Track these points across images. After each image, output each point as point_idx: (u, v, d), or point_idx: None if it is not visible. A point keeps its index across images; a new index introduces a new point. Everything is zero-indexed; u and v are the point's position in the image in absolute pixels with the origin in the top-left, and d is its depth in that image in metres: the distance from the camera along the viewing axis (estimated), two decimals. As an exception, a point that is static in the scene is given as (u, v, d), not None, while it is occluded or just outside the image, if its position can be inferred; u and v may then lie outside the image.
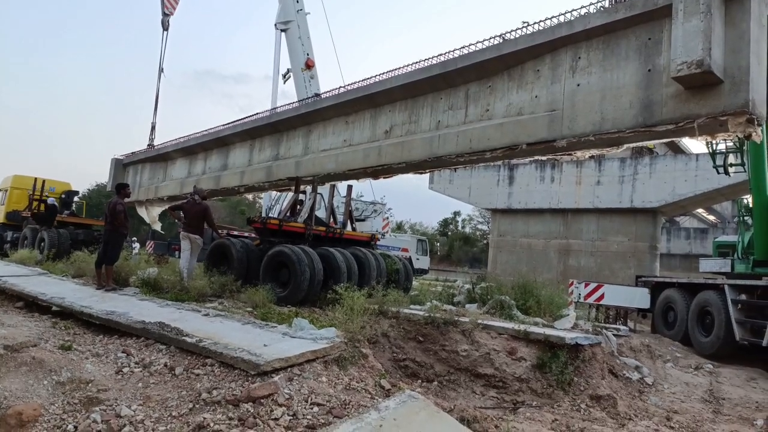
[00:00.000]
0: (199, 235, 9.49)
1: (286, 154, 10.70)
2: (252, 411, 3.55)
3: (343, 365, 4.63)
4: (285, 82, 16.54)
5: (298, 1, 15.96)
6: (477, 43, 7.09)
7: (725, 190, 19.28)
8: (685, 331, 11.03)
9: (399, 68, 8.17)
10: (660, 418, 6.02)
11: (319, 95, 11.37)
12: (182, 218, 9.59)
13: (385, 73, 8.40)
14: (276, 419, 3.49)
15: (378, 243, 11.97)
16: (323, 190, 11.38)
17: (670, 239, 34.27)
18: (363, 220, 21.95)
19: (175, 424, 3.53)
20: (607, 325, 10.31)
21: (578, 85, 6.06)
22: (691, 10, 4.85)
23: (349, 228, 11.42)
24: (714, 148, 13.04)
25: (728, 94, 4.85)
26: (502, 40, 6.80)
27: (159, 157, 15.06)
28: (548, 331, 6.69)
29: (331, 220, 11.59)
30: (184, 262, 9.39)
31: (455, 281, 13.26)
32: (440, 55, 7.56)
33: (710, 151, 13.22)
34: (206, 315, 6.20)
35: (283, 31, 16.04)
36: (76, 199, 20.21)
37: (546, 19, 6.34)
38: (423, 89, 7.96)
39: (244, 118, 11.85)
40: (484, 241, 47.26)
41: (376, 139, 8.71)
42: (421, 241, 29.78)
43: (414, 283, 12.79)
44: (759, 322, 9.32)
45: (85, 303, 6.58)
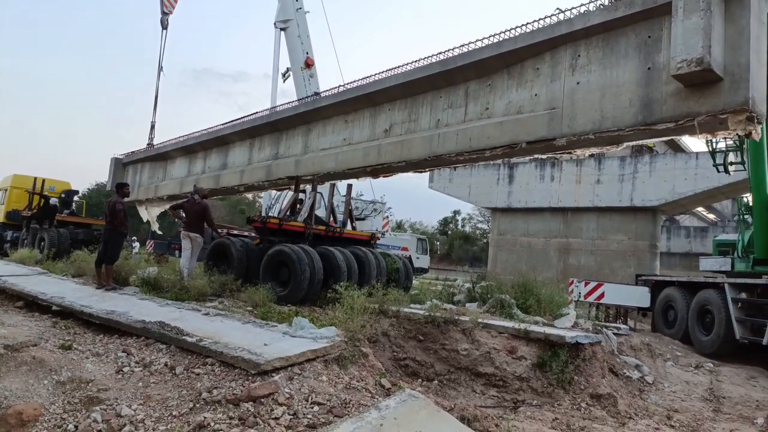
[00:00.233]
0: (199, 234, 9.50)
1: (285, 153, 10.70)
2: (252, 410, 3.54)
3: (344, 364, 4.63)
4: (284, 81, 16.52)
5: (297, 0, 15.95)
6: (477, 41, 7.08)
7: (725, 189, 19.30)
8: (686, 330, 11.03)
9: (398, 67, 8.17)
10: (660, 416, 6.03)
11: (318, 94, 11.37)
12: (183, 217, 9.59)
13: (385, 72, 8.39)
14: (276, 418, 3.49)
15: (378, 242, 11.97)
16: (323, 189, 11.38)
17: (670, 238, 34.29)
18: (363, 219, 21.95)
19: (176, 424, 3.53)
20: (607, 324, 10.33)
21: (578, 83, 6.06)
22: (691, 7, 4.84)
23: (349, 227, 11.43)
24: (714, 147, 13.03)
25: (728, 92, 4.84)
26: (501, 39, 6.79)
27: (159, 157, 15.05)
28: (548, 330, 6.69)
29: (331, 219, 11.60)
30: (184, 261, 9.39)
31: (455, 280, 13.27)
32: (440, 54, 7.55)
33: (710, 149, 13.20)
34: (206, 314, 6.20)
35: (282, 29, 16.02)
36: (76, 198, 20.21)
37: (545, 17, 6.33)
38: (422, 88, 7.94)
39: (244, 117, 11.82)
40: (484, 240, 47.30)
41: (375, 138, 8.70)
42: (421, 240, 29.79)
43: (414, 282, 12.80)
44: (759, 320, 9.33)
45: (85, 302, 6.58)
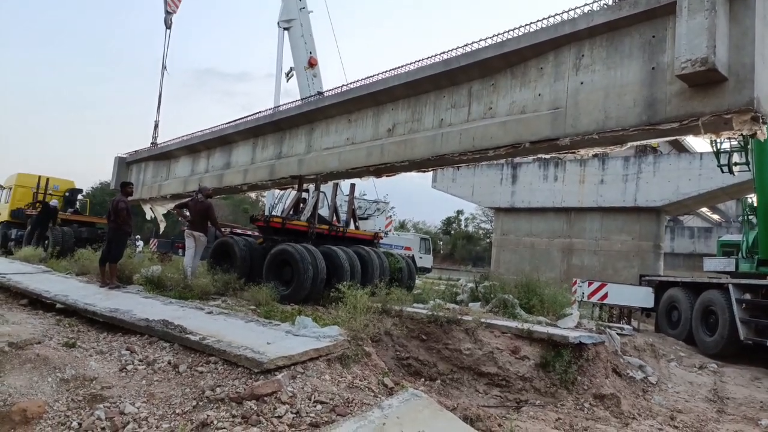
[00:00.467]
0: (203, 233, 9.52)
1: (288, 153, 10.70)
2: (255, 409, 3.55)
3: (347, 363, 4.64)
4: (288, 81, 16.54)
5: (300, 0, 15.96)
6: (480, 41, 7.05)
7: (729, 189, 19.19)
8: (689, 331, 11.01)
9: (401, 66, 8.15)
10: (664, 417, 6.01)
11: (321, 93, 11.35)
12: (187, 216, 9.62)
13: (388, 72, 8.38)
14: (279, 417, 3.49)
15: (381, 241, 11.97)
16: (326, 189, 11.38)
17: (674, 238, 34.15)
18: (366, 219, 21.95)
19: (179, 422, 3.54)
20: (611, 324, 10.31)
21: (582, 83, 6.04)
22: (696, 7, 4.82)
23: (352, 226, 11.44)
24: (718, 147, 12.98)
25: (733, 92, 4.82)
26: (504, 38, 6.77)
27: (162, 156, 15.07)
28: (552, 330, 6.68)
29: (334, 218, 11.61)
30: (188, 260, 9.41)
31: (458, 280, 13.28)
32: (443, 53, 7.53)
33: (714, 149, 13.14)
34: (210, 313, 6.22)
35: (286, 29, 16.03)
36: (80, 197, 20.27)
37: (549, 17, 6.32)
38: (426, 87, 7.93)
39: (247, 117, 11.82)
40: (487, 240, 47.29)
41: (378, 138, 8.70)
42: (424, 239, 29.77)
43: (417, 281, 12.78)
44: (763, 321, 9.30)
45: (89, 300, 6.61)
